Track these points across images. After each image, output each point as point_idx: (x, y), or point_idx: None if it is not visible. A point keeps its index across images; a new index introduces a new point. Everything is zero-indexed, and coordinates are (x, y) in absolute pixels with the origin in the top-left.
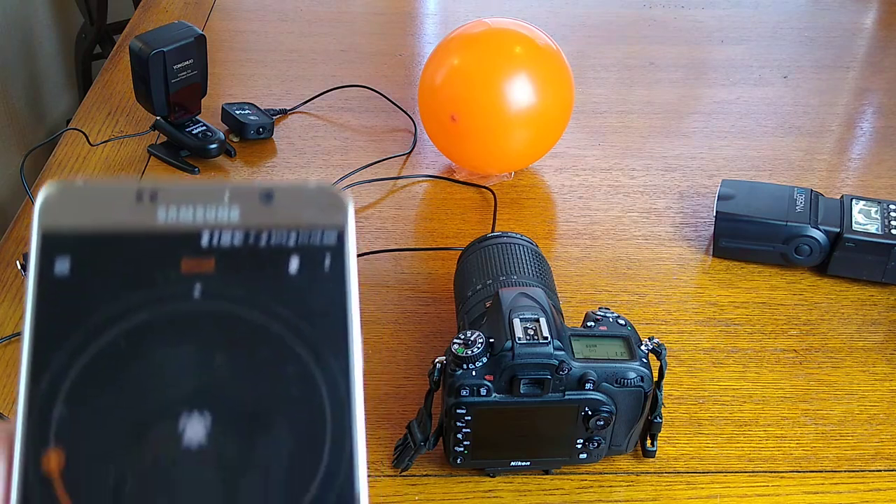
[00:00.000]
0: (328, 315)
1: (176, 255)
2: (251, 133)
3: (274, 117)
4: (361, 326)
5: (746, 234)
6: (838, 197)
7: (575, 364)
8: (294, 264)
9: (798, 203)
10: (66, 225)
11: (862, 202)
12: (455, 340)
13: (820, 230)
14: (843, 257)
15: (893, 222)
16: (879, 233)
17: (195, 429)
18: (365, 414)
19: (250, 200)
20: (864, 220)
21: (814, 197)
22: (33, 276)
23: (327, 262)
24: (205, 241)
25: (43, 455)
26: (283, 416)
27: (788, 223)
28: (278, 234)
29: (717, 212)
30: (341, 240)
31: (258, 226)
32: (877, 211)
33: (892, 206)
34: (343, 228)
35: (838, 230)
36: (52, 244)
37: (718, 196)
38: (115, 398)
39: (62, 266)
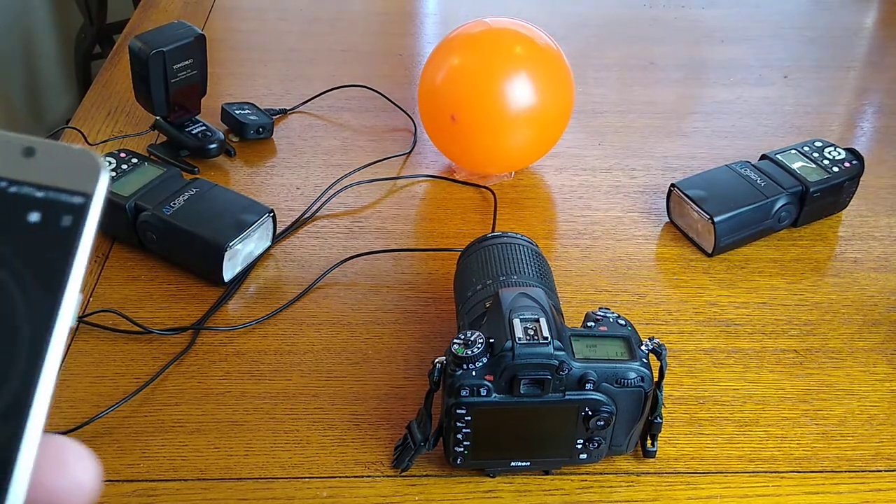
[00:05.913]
0: (51, 269)
1: None
2: (251, 133)
3: (274, 117)
4: (361, 326)
5: (741, 226)
6: (758, 159)
7: (575, 364)
8: (34, 216)
9: (755, 179)
10: None
11: (787, 154)
12: (455, 340)
13: (790, 193)
14: (810, 210)
15: (825, 161)
16: (830, 174)
17: None
18: (365, 414)
19: (12, 152)
20: (808, 169)
21: (758, 167)
22: None
23: (67, 220)
24: None
25: None
26: None
27: (769, 199)
28: (29, 187)
29: (715, 220)
30: (86, 203)
31: (12, 177)
32: (806, 157)
33: (807, 149)
34: (91, 193)
35: (801, 188)
36: None
37: (695, 199)
38: None
39: None
